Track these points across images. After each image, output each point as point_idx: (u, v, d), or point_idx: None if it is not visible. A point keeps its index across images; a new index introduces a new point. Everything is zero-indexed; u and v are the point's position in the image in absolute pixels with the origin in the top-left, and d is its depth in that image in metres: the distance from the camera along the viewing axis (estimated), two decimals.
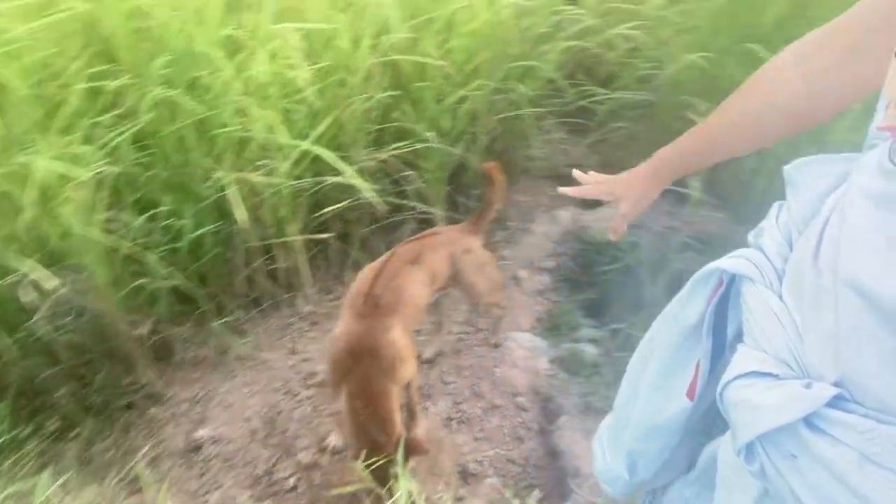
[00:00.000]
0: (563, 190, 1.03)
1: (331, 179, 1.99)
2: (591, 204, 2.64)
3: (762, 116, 0.76)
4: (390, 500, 1.22)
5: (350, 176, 1.87)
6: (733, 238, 2.27)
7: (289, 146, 1.82)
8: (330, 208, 2.05)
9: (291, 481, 1.73)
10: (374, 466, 1.32)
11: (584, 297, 2.31)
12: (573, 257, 2.40)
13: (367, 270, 1.66)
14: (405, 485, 1.12)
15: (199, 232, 1.83)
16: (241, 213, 1.73)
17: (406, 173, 2.23)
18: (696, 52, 2.20)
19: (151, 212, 1.74)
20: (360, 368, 1.45)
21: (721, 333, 0.68)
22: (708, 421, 0.75)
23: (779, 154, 2.08)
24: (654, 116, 2.45)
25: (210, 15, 1.61)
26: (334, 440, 1.80)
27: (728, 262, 0.66)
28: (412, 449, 1.40)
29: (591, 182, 1.00)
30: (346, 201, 2.05)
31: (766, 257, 0.64)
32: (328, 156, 1.86)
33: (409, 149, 2.16)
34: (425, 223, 2.40)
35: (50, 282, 1.47)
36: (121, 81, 1.64)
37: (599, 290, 2.33)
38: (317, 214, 2.10)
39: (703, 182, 2.25)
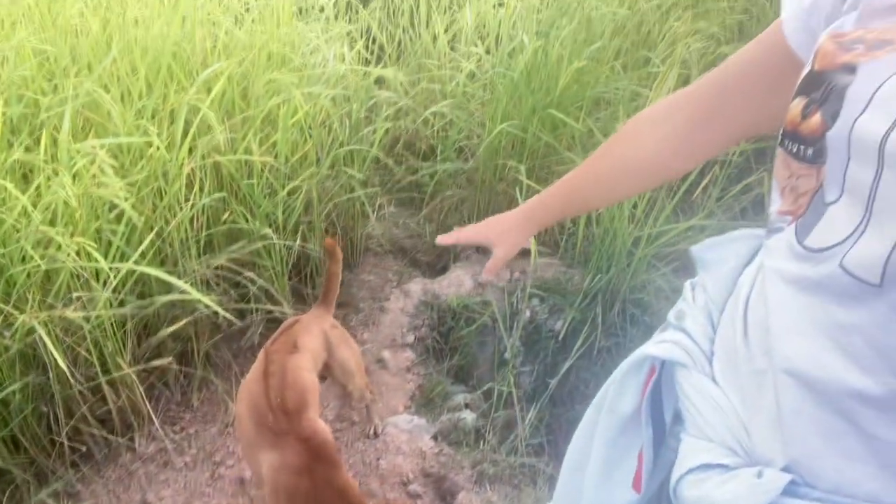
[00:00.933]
0: (440, 239, 1.02)
1: (161, 298, 1.80)
2: (439, 271, 2.70)
3: (621, 174, 0.81)
4: None
5: (182, 291, 1.71)
6: (570, 281, 2.45)
7: (106, 271, 1.61)
8: (163, 331, 1.84)
9: None
10: None
11: (450, 365, 2.33)
12: (431, 327, 2.42)
13: (252, 386, 1.51)
14: None
15: (2, 393, 1.51)
16: (58, 359, 1.48)
17: (246, 274, 2.09)
18: (503, 120, 2.41)
19: None
20: (320, 479, 1.35)
21: (659, 419, 0.68)
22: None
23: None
24: (478, 181, 2.61)
25: None
26: None
27: (657, 349, 0.66)
28: None
29: (468, 228, 1.00)
30: (181, 320, 1.86)
31: (693, 340, 0.64)
32: (154, 273, 1.68)
33: (246, 250, 2.04)
34: (273, 323, 2.26)
35: None
36: None
37: (463, 354, 2.37)
38: (149, 339, 1.87)
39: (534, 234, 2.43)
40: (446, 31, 2.85)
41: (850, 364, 0.47)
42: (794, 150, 0.53)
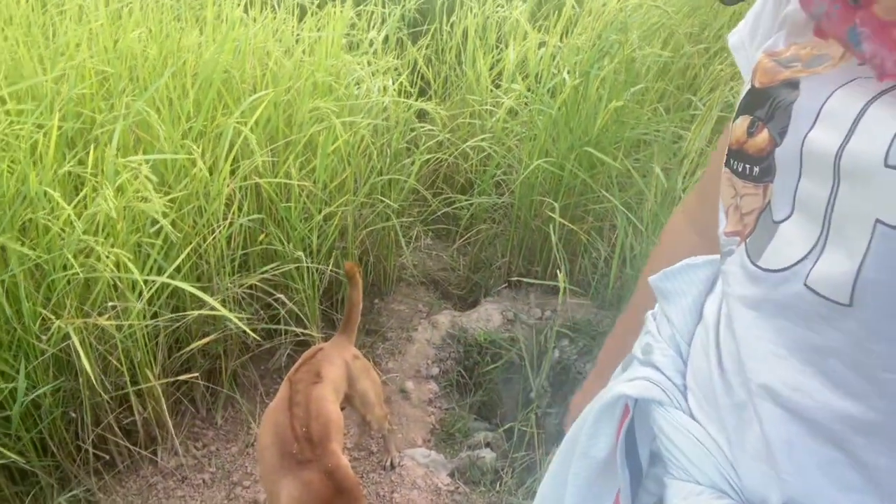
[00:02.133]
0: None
1: (192, 313, 1.84)
2: (468, 305, 2.69)
3: None
4: None
5: (213, 307, 1.74)
6: (601, 322, 2.39)
7: (141, 283, 1.66)
8: (192, 345, 1.88)
9: None
10: None
11: (474, 400, 2.29)
12: (457, 361, 2.39)
13: (277, 415, 1.52)
14: None
15: (34, 394, 1.56)
16: (88, 365, 1.52)
17: (277, 296, 2.12)
18: (540, 157, 2.41)
19: None
20: None
21: (634, 461, 0.63)
22: None
23: (627, 241, 2.28)
24: (513, 216, 2.61)
25: (47, 152, 1.47)
26: None
27: (631, 388, 0.61)
28: None
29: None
30: (211, 335, 1.90)
31: (665, 375, 0.61)
32: (187, 288, 1.72)
33: (279, 271, 2.08)
34: (301, 345, 2.28)
35: None
36: None
37: (487, 391, 2.32)
38: (179, 353, 1.91)
39: (566, 272, 2.41)
40: (491, 69, 2.90)
41: (834, 388, 0.45)
42: (740, 168, 0.52)
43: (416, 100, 2.69)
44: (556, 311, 2.46)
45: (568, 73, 2.47)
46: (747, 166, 0.51)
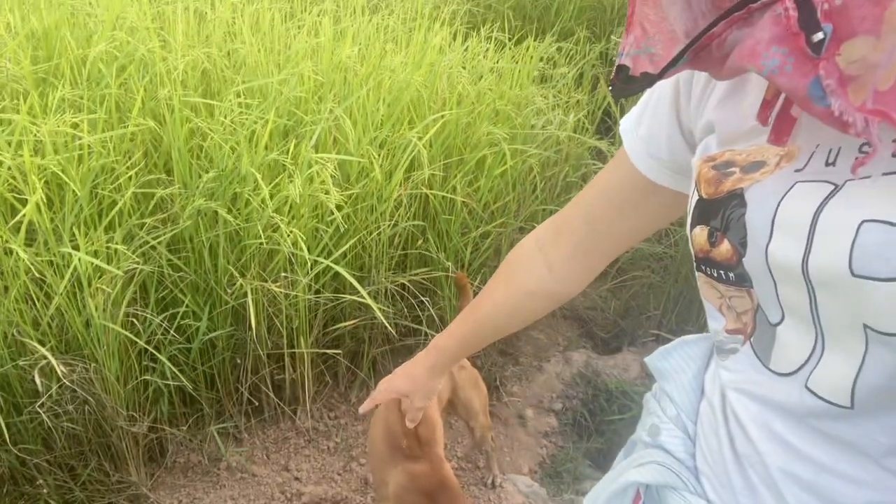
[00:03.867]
0: (362, 409, 1.07)
1: (348, 297, 2.06)
2: (609, 350, 2.62)
3: (521, 302, 0.83)
4: None
5: (364, 296, 1.94)
6: None
7: (310, 262, 1.92)
8: (343, 324, 2.10)
9: None
10: None
11: (591, 446, 2.23)
12: (583, 402, 2.35)
13: (388, 413, 1.63)
14: None
15: (213, 334, 1.88)
16: (255, 321, 1.79)
17: (423, 299, 2.28)
18: None
19: (171, 311, 1.82)
20: None
21: None
22: None
23: None
24: (674, 270, 2.49)
25: (260, 141, 1.79)
26: None
27: (644, 474, 0.61)
28: None
29: (383, 387, 1.04)
30: (358, 319, 2.10)
31: (675, 457, 0.60)
32: (347, 274, 1.94)
33: (429, 276, 2.24)
34: None
35: (63, 369, 1.52)
36: (170, 190, 1.79)
37: (607, 440, 2.24)
38: (329, 329, 2.15)
39: None
40: None
41: (854, 476, 0.45)
42: (715, 274, 0.52)
43: (597, 138, 2.70)
44: None
45: None
46: (721, 272, 0.51)
